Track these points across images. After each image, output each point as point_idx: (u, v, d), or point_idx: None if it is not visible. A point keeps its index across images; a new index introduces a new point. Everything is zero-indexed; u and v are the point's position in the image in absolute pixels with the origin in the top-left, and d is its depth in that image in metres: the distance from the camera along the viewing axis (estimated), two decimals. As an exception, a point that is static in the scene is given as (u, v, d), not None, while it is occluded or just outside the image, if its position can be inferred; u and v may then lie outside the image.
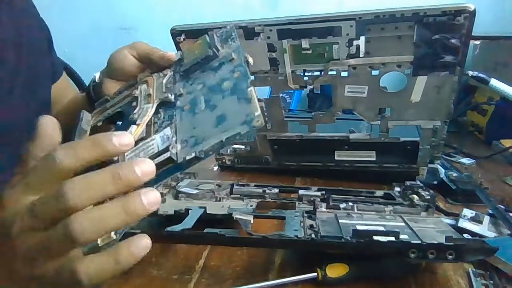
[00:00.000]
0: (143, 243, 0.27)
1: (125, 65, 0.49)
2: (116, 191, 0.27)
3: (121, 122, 0.41)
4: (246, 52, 0.39)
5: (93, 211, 0.26)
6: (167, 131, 0.36)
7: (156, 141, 0.34)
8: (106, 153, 0.28)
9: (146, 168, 0.27)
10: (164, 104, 0.38)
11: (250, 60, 0.38)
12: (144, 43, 0.49)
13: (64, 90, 0.57)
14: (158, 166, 0.29)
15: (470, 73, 0.68)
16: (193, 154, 0.31)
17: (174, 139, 0.34)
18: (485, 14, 0.57)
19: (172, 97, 0.38)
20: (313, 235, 0.43)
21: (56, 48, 0.62)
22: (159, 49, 0.46)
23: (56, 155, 0.27)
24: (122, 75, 0.50)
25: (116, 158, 0.32)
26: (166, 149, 0.33)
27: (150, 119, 0.37)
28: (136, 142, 0.35)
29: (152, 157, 0.33)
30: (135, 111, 0.39)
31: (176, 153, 0.32)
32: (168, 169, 0.32)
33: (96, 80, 0.54)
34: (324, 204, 0.53)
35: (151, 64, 0.46)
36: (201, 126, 0.34)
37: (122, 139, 0.28)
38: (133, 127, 0.36)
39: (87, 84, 0.57)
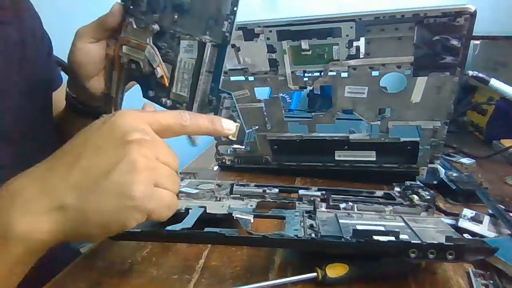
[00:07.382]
0: None
1: (91, 57, 0.46)
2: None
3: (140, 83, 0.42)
4: None
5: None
6: (183, 43, 0.37)
7: (183, 56, 0.38)
8: (215, 131, 0.37)
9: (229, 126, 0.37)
10: (156, 36, 0.40)
11: None
12: (85, 26, 0.45)
13: (62, 101, 0.56)
14: (216, 60, 0.36)
15: (470, 73, 0.68)
16: (225, 23, 0.35)
17: (196, 40, 0.36)
18: (485, 14, 0.57)
19: (156, 26, 0.39)
20: (313, 235, 0.43)
21: (59, 49, 0.62)
22: (103, 16, 0.44)
23: (186, 116, 0.35)
24: (94, 68, 0.47)
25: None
26: (203, 43, 0.36)
27: (159, 55, 0.39)
28: (171, 77, 0.38)
29: (196, 68, 0.36)
30: (142, 66, 0.40)
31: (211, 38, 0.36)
32: (220, 52, 0.36)
33: (73, 95, 0.53)
34: (324, 204, 0.53)
35: (107, 32, 0.44)
36: (204, 12, 0.36)
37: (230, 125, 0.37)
38: (158, 71, 0.38)
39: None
